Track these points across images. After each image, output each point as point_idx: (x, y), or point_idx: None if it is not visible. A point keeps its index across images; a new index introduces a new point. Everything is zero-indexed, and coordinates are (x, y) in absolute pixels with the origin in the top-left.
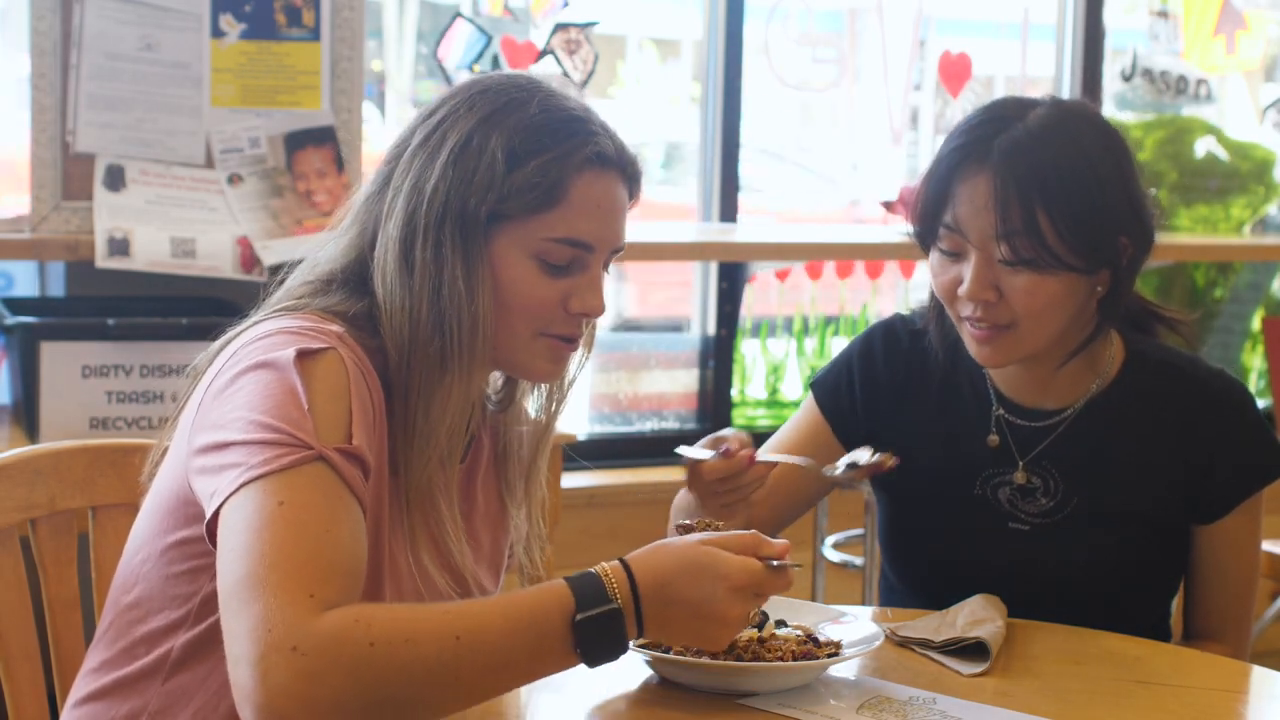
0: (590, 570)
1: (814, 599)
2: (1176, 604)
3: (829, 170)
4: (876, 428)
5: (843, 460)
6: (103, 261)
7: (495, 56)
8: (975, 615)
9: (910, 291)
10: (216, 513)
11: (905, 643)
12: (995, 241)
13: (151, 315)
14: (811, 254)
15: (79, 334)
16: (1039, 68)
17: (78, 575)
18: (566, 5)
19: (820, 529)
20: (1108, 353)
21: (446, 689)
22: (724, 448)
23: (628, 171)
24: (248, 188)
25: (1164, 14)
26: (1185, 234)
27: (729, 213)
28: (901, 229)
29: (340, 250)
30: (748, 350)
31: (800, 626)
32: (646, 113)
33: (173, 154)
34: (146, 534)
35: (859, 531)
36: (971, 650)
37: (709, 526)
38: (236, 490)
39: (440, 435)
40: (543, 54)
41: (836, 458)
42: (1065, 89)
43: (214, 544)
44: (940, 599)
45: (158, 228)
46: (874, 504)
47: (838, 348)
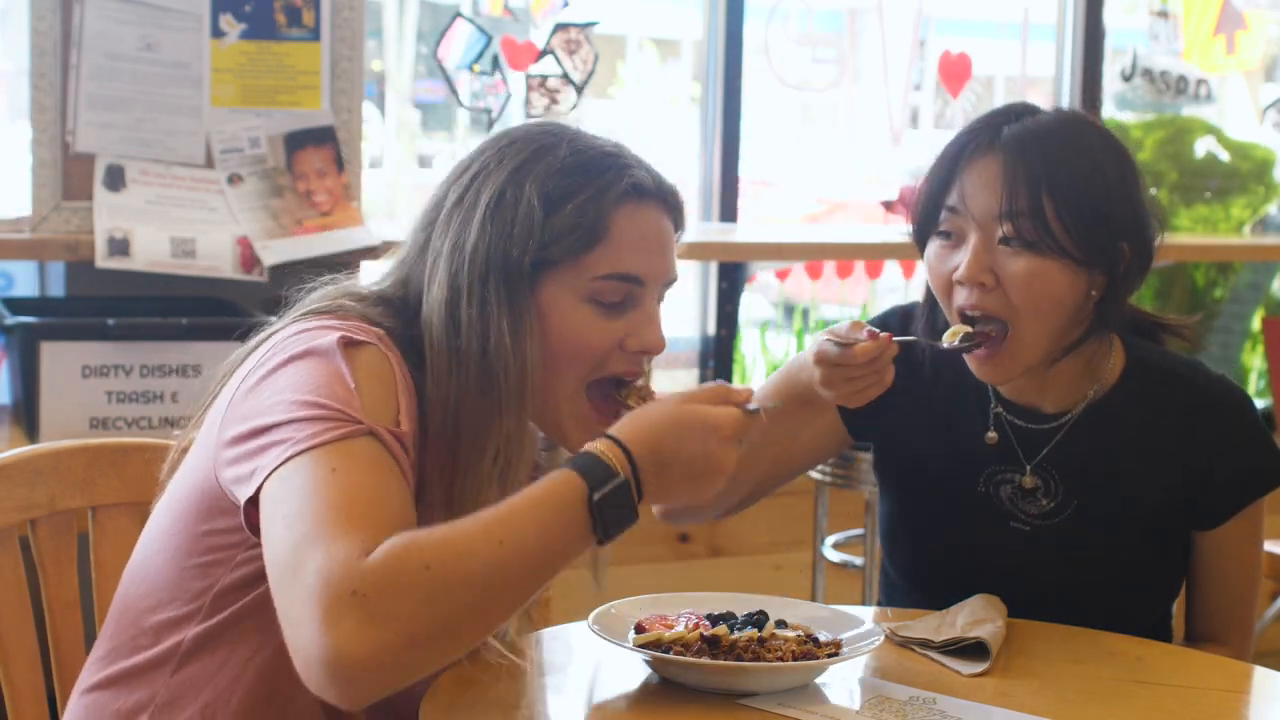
0: (585, 452)
1: (814, 599)
2: (1177, 607)
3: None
4: (879, 413)
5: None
6: (103, 261)
7: (495, 56)
8: (975, 615)
9: (910, 292)
10: (258, 491)
11: (905, 643)
12: (998, 221)
13: (151, 315)
14: (811, 254)
15: (79, 334)
16: (1039, 68)
17: (78, 575)
18: (566, 5)
19: (820, 529)
20: (1108, 358)
21: (501, 594)
22: (865, 331)
23: (669, 202)
24: (248, 188)
25: (1164, 14)
26: (1185, 234)
27: (729, 213)
28: (902, 229)
29: (378, 285)
30: (748, 350)
31: (800, 626)
32: (646, 113)
33: (173, 154)
34: (164, 526)
35: (859, 531)
36: (971, 650)
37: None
38: (283, 463)
39: (482, 476)
40: (543, 54)
41: (838, 437)
42: (1065, 89)
43: (248, 527)
44: (941, 595)
45: (158, 228)
46: (874, 504)
47: None
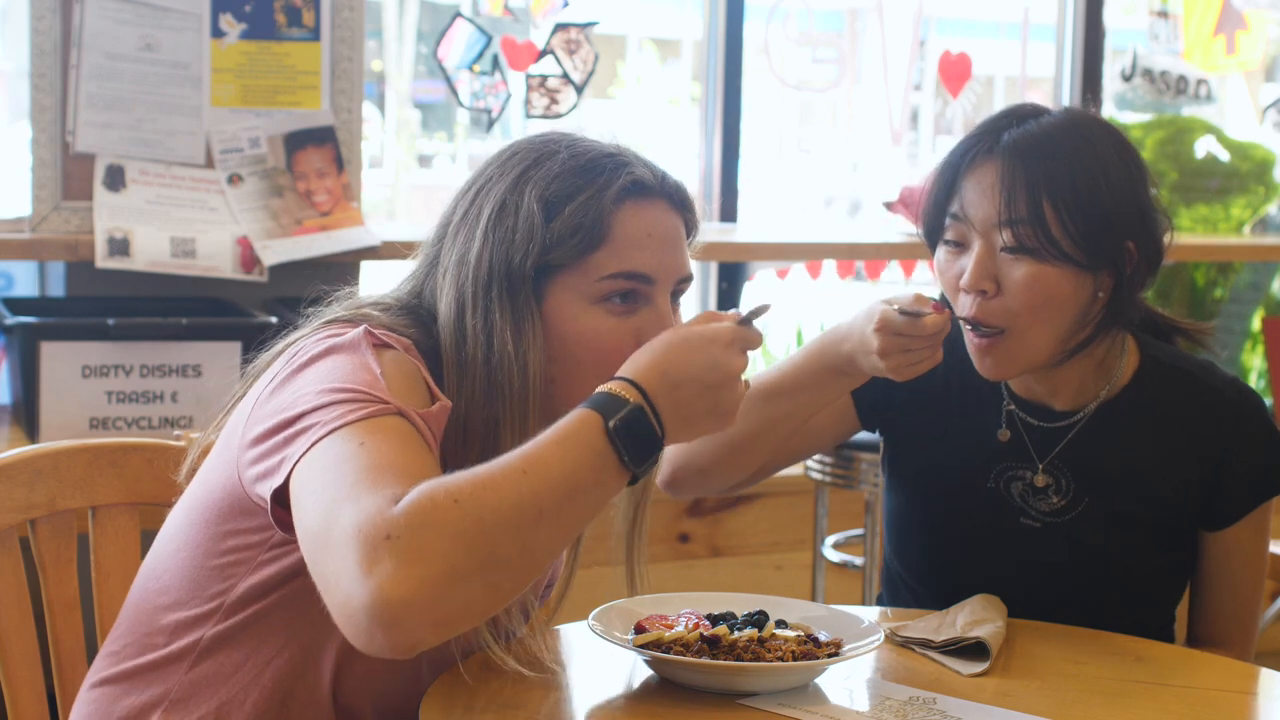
0: (596, 392)
1: (814, 599)
2: (1179, 610)
3: (829, 170)
4: (892, 401)
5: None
6: (103, 261)
7: (495, 56)
8: (975, 615)
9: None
10: (287, 480)
11: (905, 643)
12: (999, 229)
13: (151, 315)
14: (811, 254)
15: (79, 334)
16: (1039, 68)
17: (78, 575)
18: (566, 5)
19: (820, 529)
20: (1121, 357)
21: (536, 524)
22: (931, 304)
23: (674, 198)
24: (248, 188)
25: (1164, 14)
26: (1185, 234)
27: (729, 213)
28: (901, 229)
29: (397, 295)
30: None
31: (800, 626)
32: (646, 113)
33: (173, 154)
34: (183, 524)
35: (859, 531)
36: (971, 650)
37: None
38: (310, 448)
39: None
40: (543, 54)
41: (848, 422)
42: (1065, 89)
43: (276, 523)
44: (947, 590)
45: (158, 228)
46: (874, 504)
47: None
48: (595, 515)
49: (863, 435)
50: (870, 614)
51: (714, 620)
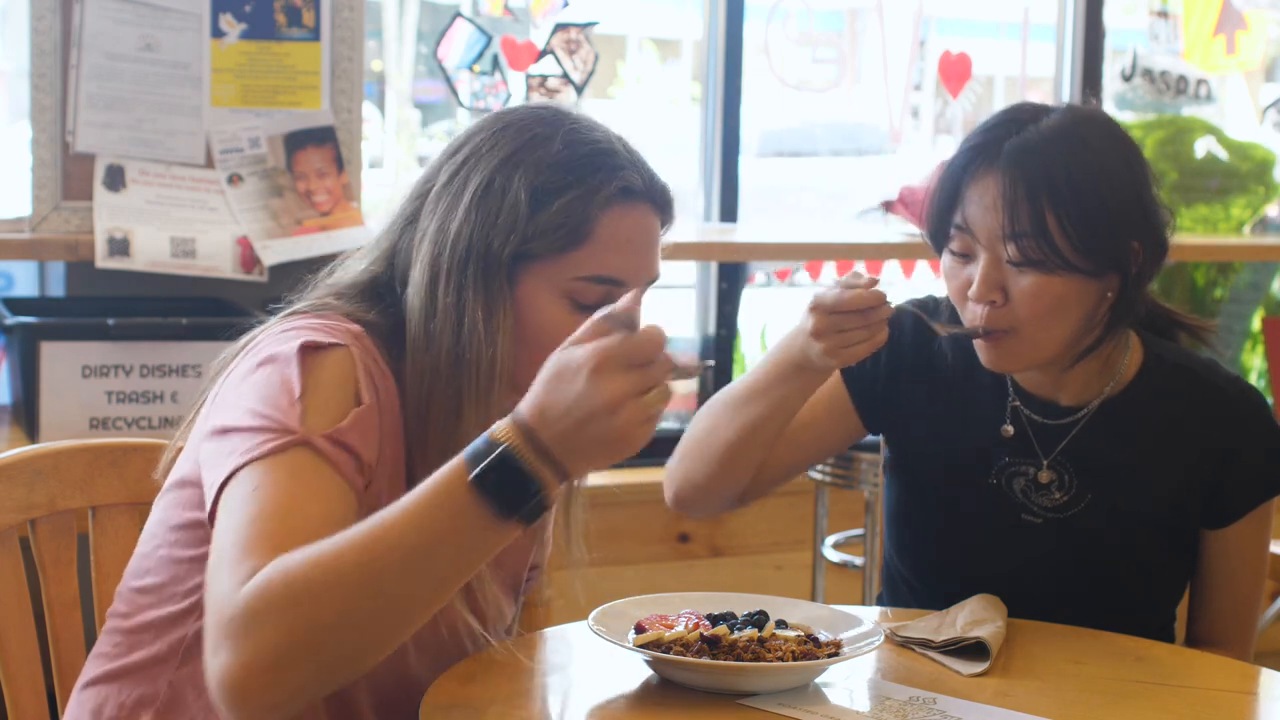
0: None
1: (814, 599)
2: (1179, 611)
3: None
4: (894, 403)
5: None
6: (103, 261)
7: (495, 56)
8: (975, 615)
9: (910, 292)
10: (215, 503)
11: (905, 643)
12: (1003, 242)
13: (151, 315)
14: (811, 254)
15: (79, 334)
16: (1039, 68)
17: (78, 575)
18: (566, 5)
19: (820, 529)
20: (1124, 355)
21: (376, 597)
22: (864, 280)
23: (658, 201)
24: (248, 188)
25: (1164, 14)
26: (1185, 234)
27: (729, 213)
28: (901, 229)
29: (365, 268)
30: (748, 350)
31: (800, 626)
32: (646, 113)
33: (173, 154)
34: (160, 519)
35: (859, 531)
36: (971, 650)
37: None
38: (227, 480)
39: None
40: (543, 54)
41: (851, 426)
42: (1065, 89)
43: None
44: (947, 587)
45: (158, 228)
46: (874, 504)
47: None
48: (480, 562)
49: None
50: (870, 614)
51: (714, 620)
